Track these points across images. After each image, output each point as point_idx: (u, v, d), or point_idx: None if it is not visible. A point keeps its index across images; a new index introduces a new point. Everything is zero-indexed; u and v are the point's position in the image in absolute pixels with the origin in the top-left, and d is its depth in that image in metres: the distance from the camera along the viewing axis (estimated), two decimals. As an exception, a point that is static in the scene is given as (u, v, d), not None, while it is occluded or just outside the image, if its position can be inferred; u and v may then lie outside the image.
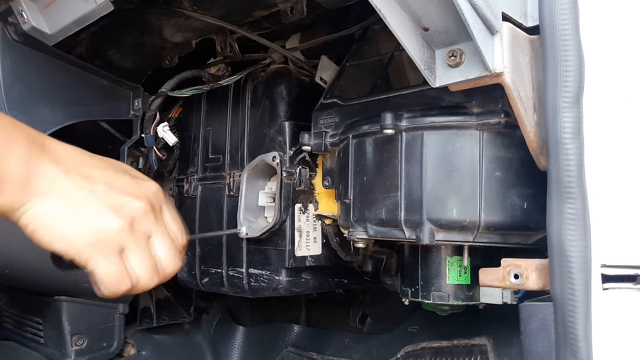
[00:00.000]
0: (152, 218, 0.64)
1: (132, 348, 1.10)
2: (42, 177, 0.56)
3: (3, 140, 0.54)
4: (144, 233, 0.63)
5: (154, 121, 0.99)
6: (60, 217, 0.57)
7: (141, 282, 0.63)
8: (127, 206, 0.61)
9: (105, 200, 0.60)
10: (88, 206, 0.59)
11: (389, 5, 0.53)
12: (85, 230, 0.58)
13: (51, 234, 0.57)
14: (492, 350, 0.82)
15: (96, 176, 0.60)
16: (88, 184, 0.59)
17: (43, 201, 0.56)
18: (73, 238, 0.58)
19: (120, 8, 0.78)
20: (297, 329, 1.19)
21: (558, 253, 0.50)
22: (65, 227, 0.57)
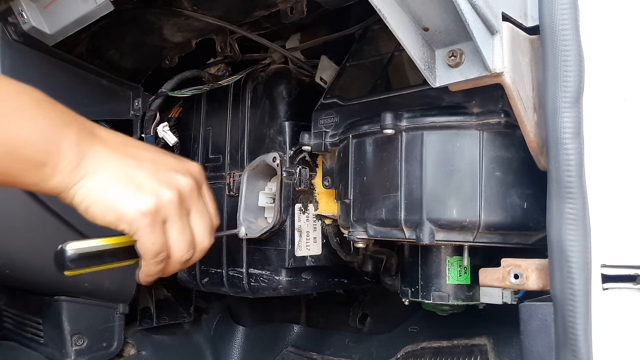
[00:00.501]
0: (196, 195, 0.68)
1: (132, 348, 1.10)
2: (92, 158, 0.60)
3: (59, 125, 0.59)
4: (186, 208, 0.67)
5: (154, 121, 0.99)
6: (111, 191, 0.61)
7: (176, 255, 0.67)
8: (175, 180, 0.65)
9: (154, 175, 0.64)
10: (138, 179, 0.62)
11: (389, 5, 0.53)
12: (136, 201, 0.61)
13: (103, 207, 0.61)
14: (492, 350, 0.82)
15: (142, 155, 0.65)
16: (135, 161, 0.63)
17: (94, 178, 0.60)
18: (124, 209, 0.61)
19: (120, 8, 0.78)
20: (297, 329, 1.19)
21: (558, 253, 0.50)
22: (117, 199, 0.61)
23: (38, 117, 0.57)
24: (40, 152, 0.57)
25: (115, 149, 0.63)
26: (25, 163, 0.56)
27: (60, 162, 0.58)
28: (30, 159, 0.56)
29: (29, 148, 0.56)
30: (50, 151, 0.57)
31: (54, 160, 0.57)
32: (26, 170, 0.57)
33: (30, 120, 0.57)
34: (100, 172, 0.60)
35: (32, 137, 0.56)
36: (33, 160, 0.56)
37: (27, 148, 0.56)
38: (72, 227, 0.92)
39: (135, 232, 0.62)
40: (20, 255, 0.91)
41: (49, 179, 0.58)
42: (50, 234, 0.91)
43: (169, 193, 0.63)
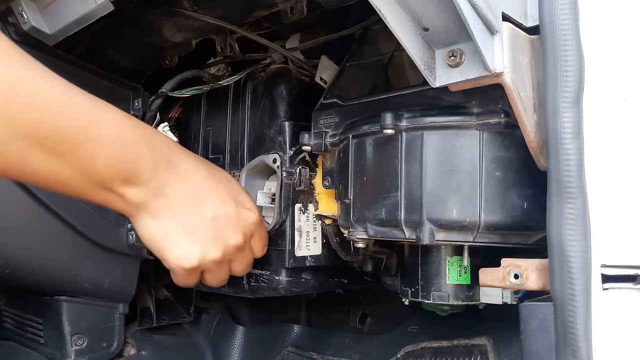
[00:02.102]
0: (242, 250, 0.73)
1: (132, 348, 1.10)
2: (160, 197, 0.63)
3: (136, 157, 0.61)
4: (229, 260, 0.72)
5: (154, 121, 0.99)
6: (166, 238, 0.65)
7: (208, 284, 0.75)
8: (226, 240, 0.69)
9: (210, 232, 0.67)
10: (194, 233, 0.66)
11: (389, 5, 0.53)
12: (182, 256, 0.66)
13: (156, 247, 0.66)
14: (492, 350, 0.82)
15: (208, 204, 0.68)
16: (199, 212, 0.66)
17: (155, 218, 0.63)
18: (170, 259, 0.66)
19: (120, 8, 0.77)
20: (297, 329, 1.19)
21: (558, 253, 0.50)
22: (167, 247, 0.66)
23: (114, 144, 0.58)
24: (109, 179, 0.59)
25: (185, 192, 0.65)
26: (94, 186, 0.59)
27: (126, 193, 0.60)
28: (98, 183, 0.59)
29: (98, 173, 0.58)
30: (119, 181, 0.60)
31: (120, 189, 0.60)
32: (95, 192, 0.59)
33: (104, 148, 0.57)
34: (163, 214, 0.64)
35: (103, 164, 0.58)
36: (102, 185, 0.59)
37: (96, 173, 0.58)
38: (72, 227, 0.92)
39: (175, 276, 0.70)
40: (20, 255, 0.91)
41: (114, 203, 0.62)
42: (51, 234, 0.91)
43: (214, 252, 0.68)
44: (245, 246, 0.73)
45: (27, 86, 0.51)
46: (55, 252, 0.93)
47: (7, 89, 0.49)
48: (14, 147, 0.51)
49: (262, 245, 0.77)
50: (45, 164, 0.54)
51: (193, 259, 0.66)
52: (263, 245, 0.77)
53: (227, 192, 0.72)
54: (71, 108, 0.55)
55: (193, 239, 0.66)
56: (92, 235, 0.95)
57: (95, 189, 0.59)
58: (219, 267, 0.70)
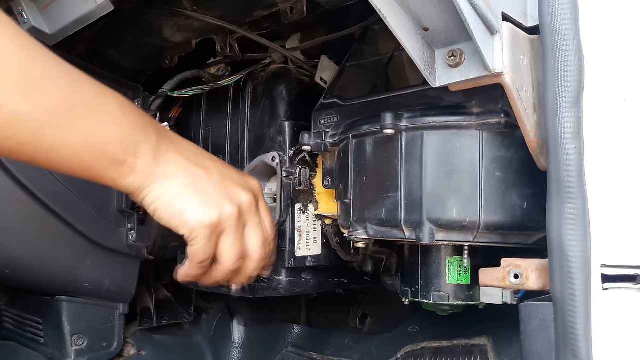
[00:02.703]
0: (254, 210, 0.72)
1: (132, 348, 1.10)
2: (167, 164, 0.64)
3: (139, 128, 0.62)
4: (243, 222, 0.71)
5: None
6: (181, 198, 0.65)
7: (224, 264, 0.71)
8: (237, 195, 0.69)
9: (220, 188, 0.68)
10: (205, 191, 0.66)
11: (389, 5, 0.53)
12: (201, 213, 0.65)
13: (171, 212, 0.65)
14: (492, 350, 0.82)
15: (212, 167, 0.69)
16: (206, 173, 0.67)
17: (166, 183, 0.64)
18: (189, 217, 0.65)
19: (120, 8, 0.78)
20: (297, 329, 1.19)
21: (558, 253, 0.50)
22: (184, 206, 0.65)
23: (121, 118, 0.61)
24: (122, 151, 0.60)
25: (188, 158, 0.67)
26: (107, 160, 0.60)
27: (137, 163, 0.61)
28: (112, 156, 0.60)
29: (112, 146, 0.59)
30: (130, 151, 0.61)
31: (132, 160, 0.61)
32: (107, 166, 0.60)
33: (115, 121, 0.60)
34: (173, 178, 0.64)
35: (115, 136, 0.59)
36: (114, 158, 0.60)
37: (111, 146, 0.59)
38: (71, 227, 0.92)
39: (193, 239, 0.67)
40: (20, 255, 0.91)
41: (126, 177, 0.62)
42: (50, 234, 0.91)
43: (231, 207, 0.68)
44: (257, 207, 0.73)
45: (41, 60, 0.56)
46: (55, 252, 0.93)
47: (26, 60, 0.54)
48: (32, 120, 0.53)
49: (270, 219, 0.76)
50: (61, 139, 0.55)
51: (213, 213, 0.66)
52: (271, 220, 0.77)
53: (223, 162, 0.74)
54: (80, 84, 0.58)
55: (208, 198, 0.67)
56: (92, 235, 0.95)
57: (108, 164, 0.60)
58: (236, 229, 0.69)
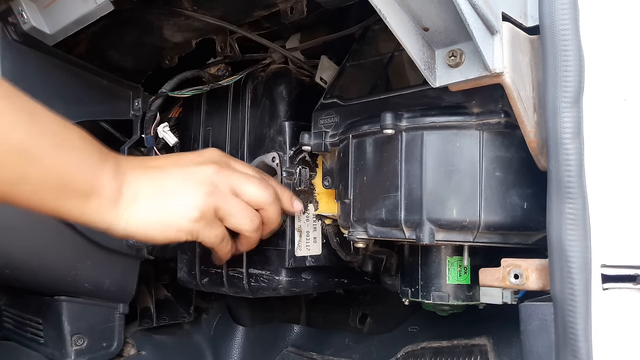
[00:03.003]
0: (226, 173, 0.71)
1: (132, 348, 1.10)
2: (128, 184, 0.63)
3: (99, 159, 0.61)
4: (227, 188, 0.70)
5: (154, 121, 0.99)
6: (158, 210, 0.65)
7: (245, 229, 0.72)
8: (203, 173, 0.69)
9: (184, 177, 0.67)
10: (173, 188, 0.66)
11: (389, 5, 0.53)
12: (184, 212, 0.65)
13: (160, 228, 0.65)
14: (492, 350, 0.82)
15: (164, 163, 0.69)
16: (162, 172, 0.67)
17: (138, 205, 0.63)
18: (178, 223, 0.65)
19: (120, 8, 0.78)
20: (297, 329, 1.19)
21: (558, 253, 0.50)
22: (167, 215, 0.65)
23: (82, 151, 0.60)
24: (85, 183, 0.59)
25: (145, 166, 0.66)
26: (71, 194, 0.59)
27: (102, 194, 0.60)
28: (75, 190, 0.59)
29: (75, 179, 0.59)
30: (93, 183, 0.60)
31: (97, 191, 0.60)
32: (72, 201, 0.59)
33: (76, 154, 0.59)
34: (141, 195, 0.64)
35: (77, 169, 0.59)
36: (78, 191, 0.59)
37: (74, 179, 0.59)
38: (71, 227, 0.92)
39: (197, 236, 0.67)
40: (20, 255, 0.91)
41: (95, 212, 0.61)
42: (51, 234, 0.91)
43: (204, 187, 0.67)
44: (228, 169, 0.72)
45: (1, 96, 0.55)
46: (55, 252, 0.93)
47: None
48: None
49: (249, 167, 0.76)
50: (21, 174, 0.55)
51: (195, 204, 0.66)
52: (252, 167, 0.76)
53: (171, 154, 0.75)
54: (39, 118, 0.58)
55: (181, 194, 0.66)
56: (92, 235, 0.95)
57: (72, 197, 0.59)
58: (224, 199, 0.69)
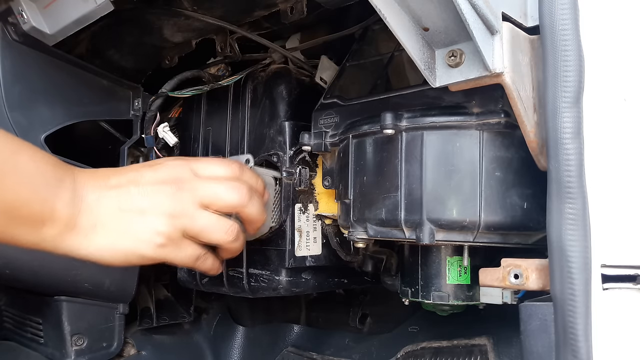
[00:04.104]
0: (189, 187, 0.66)
1: (132, 348, 1.10)
2: (87, 210, 0.60)
3: (53, 183, 0.58)
4: (193, 204, 0.65)
5: (154, 122, 0.99)
6: (122, 237, 0.61)
7: (222, 241, 0.67)
8: (161, 195, 0.64)
9: (143, 201, 0.63)
10: (133, 217, 0.62)
11: (389, 5, 0.53)
12: (144, 240, 0.62)
13: (123, 255, 0.62)
14: (492, 350, 0.82)
15: (124, 181, 0.63)
16: (122, 194, 0.62)
17: (100, 232, 0.60)
18: (142, 248, 0.62)
19: (120, 8, 0.78)
20: (297, 329, 1.19)
21: (558, 253, 0.50)
22: (130, 241, 0.62)
23: (34, 175, 0.56)
24: (38, 211, 0.56)
25: (98, 188, 0.61)
26: (24, 223, 0.56)
27: (58, 221, 0.57)
28: (28, 218, 0.56)
29: (26, 208, 0.55)
30: (47, 210, 0.57)
31: (52, 219, 0.57)
32: (26, 229, 0.56)
33: (27, 180, 0.56)
34: (100, 222, 0.60)
35: (28, 197, 0.55)
36: (32, 219, 0.56)
37: (25, 207, 0.55)
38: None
39: (166, 260, 0.64)
40: (20, 255, 0.91)
41: (52, 239, 0.58)
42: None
43: (167, 210, 0.63)
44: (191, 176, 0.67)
45: None
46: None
47: None
48: None
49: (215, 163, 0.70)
50: None
51: (157, 228, 0.62)
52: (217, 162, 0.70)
53: (132, 166, 0.68)
54: None
55: (142, 213, 0.62)
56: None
57: (25, 224, 0.56)
58: (190, 216, 0.64)
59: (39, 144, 0.92)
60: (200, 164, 0.69)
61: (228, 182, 0.69)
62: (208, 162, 0.70)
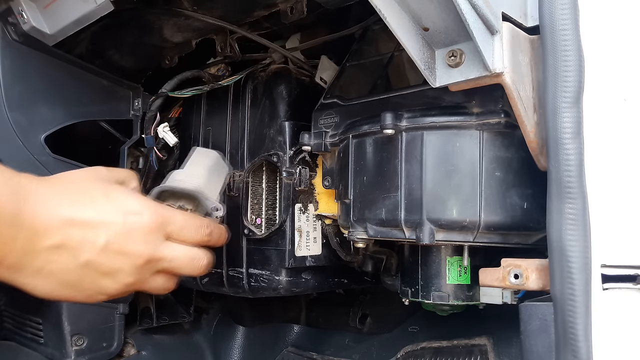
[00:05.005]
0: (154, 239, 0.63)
1: (132, 348, 1.10)
2: (42, 265, 0.56)
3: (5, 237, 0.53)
4: (160, 251, 0.63)
5: (155, 122, 0.99)
6: (77, 291, 0.60)
7: (195, 274, 0.67)
8: (120, 277, 0.61)
9: (108, 258, 0.59)
10: (95, 278, 0.59)
11: (389, 5, 0.53)
12: (108, 290, 0.61)
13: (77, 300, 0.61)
14: (492, 350, 0.82)
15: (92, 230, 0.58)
16: (84, 249, 0.58)
17: (52, 283, 0.57)
18: (104, 295, 0.61)
19: (120, 8, 0.78)
20: (297, 329, 1.19)
21: (558, 253, 0.50)
22: (88, 297, 0.61)
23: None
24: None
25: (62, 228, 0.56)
26: None
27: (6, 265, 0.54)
28: None
29: None
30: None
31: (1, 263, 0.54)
32: None
33: None
34: (60, 276, 0.57)
35: None
36: None
37: None
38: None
39: (139, 290, 0.64)
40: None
41: (6, 276, 0.55)
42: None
43: (128, 278, 0.61)
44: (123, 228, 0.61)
45: None
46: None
47: None
48: None
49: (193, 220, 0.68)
50: None
51: (128, 279, 0.60)
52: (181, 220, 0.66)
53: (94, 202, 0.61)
54: None
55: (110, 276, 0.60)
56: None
57: None
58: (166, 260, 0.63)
59: (39, 144, 0.92)
60: (175, 228, 0.65)
61: (194, 253, 0.68)
62: (184, 225, 0.67)
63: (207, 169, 0.79)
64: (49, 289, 0.58)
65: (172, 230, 0.65)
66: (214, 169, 0.81)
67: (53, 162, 0.94)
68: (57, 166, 0.94)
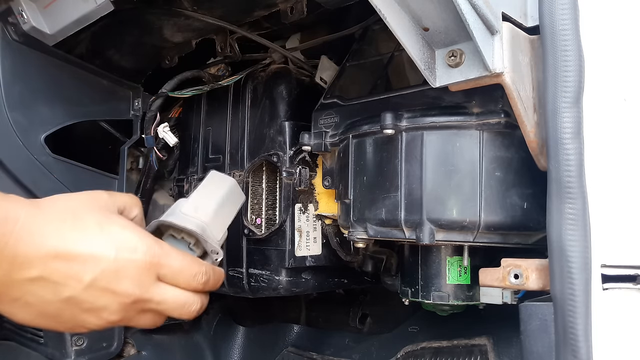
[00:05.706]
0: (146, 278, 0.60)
1: (132, 348, 1.10)
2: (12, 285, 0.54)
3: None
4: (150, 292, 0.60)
5: (155, 122, 0.99)
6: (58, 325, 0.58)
7: (186, 318, 0.64)
8: (105, 314, 0.59)
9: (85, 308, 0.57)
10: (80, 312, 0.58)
11: (389, 5, 0.53)
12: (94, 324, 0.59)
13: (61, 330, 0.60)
14: (492, 350, 0.82)
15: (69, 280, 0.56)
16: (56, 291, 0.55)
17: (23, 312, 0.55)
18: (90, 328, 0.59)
19: (120, 8, 0.78)
20: (297, 329, 1.19)
21: (558, 253, 0.50)
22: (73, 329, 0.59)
23: None
24: None
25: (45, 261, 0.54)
26: None
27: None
28: None
29: None
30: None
31: None
32: None
33: None
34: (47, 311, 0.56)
35: None
36: None
37: None
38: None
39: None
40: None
41: None
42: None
43: (114, 315, 0.59)
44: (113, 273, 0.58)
45: None
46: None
47: None
48: None
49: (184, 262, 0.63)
50: None
51: (114, 317, 0.58)
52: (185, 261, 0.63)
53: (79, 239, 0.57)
54: None
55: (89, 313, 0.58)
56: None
57: None
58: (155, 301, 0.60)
59: (39, 144, 0.92)
60: (169, 272, 0.62)
61: (185, 299, 0.64)
62: (179, 270, 0.62)
63: (217, 201, 0.72)
64: (28, 318, 0.56)
65: (166, 273, 0.61)
66: (226, 198, 0.74)
67: (53, 162, 0.93)
68: (57, 166, 0.94)
